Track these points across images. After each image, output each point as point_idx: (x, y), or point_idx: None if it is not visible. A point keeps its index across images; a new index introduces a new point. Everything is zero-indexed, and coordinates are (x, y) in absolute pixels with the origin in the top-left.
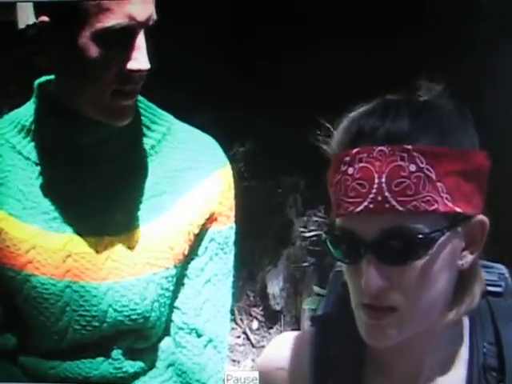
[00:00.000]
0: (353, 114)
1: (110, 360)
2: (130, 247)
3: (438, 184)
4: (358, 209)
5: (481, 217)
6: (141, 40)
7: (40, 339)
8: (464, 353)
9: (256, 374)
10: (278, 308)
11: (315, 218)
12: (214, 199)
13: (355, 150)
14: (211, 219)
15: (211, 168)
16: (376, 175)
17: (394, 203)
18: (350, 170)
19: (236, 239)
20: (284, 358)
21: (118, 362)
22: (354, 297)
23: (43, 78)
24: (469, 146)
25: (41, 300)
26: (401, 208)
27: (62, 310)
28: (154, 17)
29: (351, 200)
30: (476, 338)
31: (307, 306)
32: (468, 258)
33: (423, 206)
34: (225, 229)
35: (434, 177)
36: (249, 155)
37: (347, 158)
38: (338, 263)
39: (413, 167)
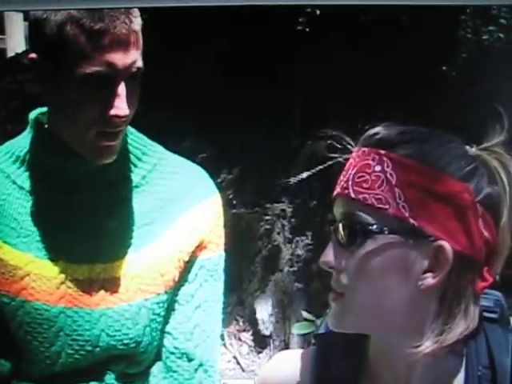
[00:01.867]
0: None
1: None
2: (122, 274)
3: (396, 190)
4: (334, 192)
5: (442, 243)
6: (121, 87)
7: (33, 364)
8: (460, 375)
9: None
10: (267, 333)
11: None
12: (204, 227)
13: (355, 150)
14: (201, 247)
15: (201, 197)
16: (351, 168)
17: (350, 190)
18: (346, 165)
19: (225, 265)
20: (285, 374)
21: None
22: None
23: (38, 110)
24: (449, 173)
25: (35, 325)
26: (353, 196)
27: (55, 335)
28: (138, 64)
29: (336, 186)
30: (471, 361)
31: (295, 330)
32: (428, 280)
33: (372, 200)
34: (214, 256)
35: (393, 182)
36: (236, 183)
37: (349, 156)
38: None
39: (378, 168)
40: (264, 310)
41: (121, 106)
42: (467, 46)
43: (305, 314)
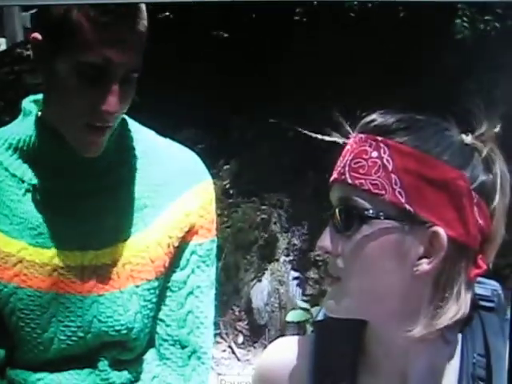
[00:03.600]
0: None
1: (97, 371)
2: (114, 261)
3: (393, 176)
4: (331, 178)
5: (437, 229)
6: (115, 83)
7: (26, 351)
8: (455, 362)
9: (249, 379)
10: (262, 322)
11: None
12: (194, 212)
13: (352, 136)
14: (191, 232)
15: (192, 182)
16: (348, 153)
17: (346, 176)
18: (343, 151)
19: (221, 254)
20: (283, 360)
21: (105, 373)
22: None
23: (31, 98)
24: (445, 160)
25: (27, 311)
26: (350, 181)
27: (47, 321)
28: (137, 65)
29: (333, 172)
30: (467, 348)
31: (290, 319)
32: (423, 266)
33: (368, 185)
34: (206, 242)
35: (390, 168)
36: (234, 172)
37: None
38: None
39: (374, 154)
40: (260, 300)
41: (112, 103)
42: (463, 34)
43: (300, 303)
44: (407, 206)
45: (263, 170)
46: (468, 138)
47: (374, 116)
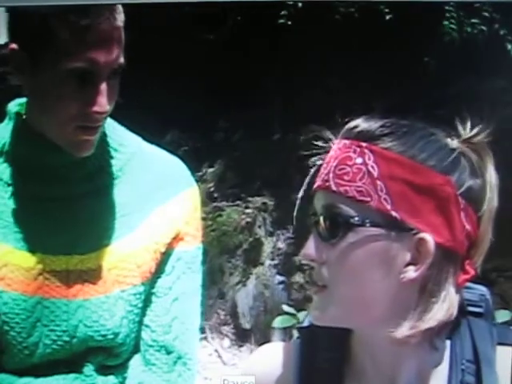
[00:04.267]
0: None
1: (83, 376)
2: (99, 265)
3: (378, 182)
4: (315, 186)
5: (424, 235)
6: (103, 84)
7: (12, 356)
8: (443, 368)
9: (252, 379)
10: (248, 326)
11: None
12: (180, 219)
13: (336, 142)
14: (177, 238)
15: (178, 188)
16: (332, 160)
17: (331, 183)
18: (326, 157)
19: (205, 258)
20: (269, 366)
21: (91, 379)
22: None
23: (17, 101)
24: (431, 165)
25: (12, 315)
26: (334, 188)
27: (32, 325)
28: (120, 61)
29: (316, 179)
30: (455, 354)
31: (277, 324)
32: (410, 273)
33: (353, 193)
34: (192, 249)
35: (375, 174)
36: (218, 176)
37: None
38: None
39: (359, 160)
40: (245, 304)
41: (102, 103)
42: (450, 38)
43: (286, 308)
44: (393, 213)
45: (248, 173)
46: (454, 143)
47: (357, 121)
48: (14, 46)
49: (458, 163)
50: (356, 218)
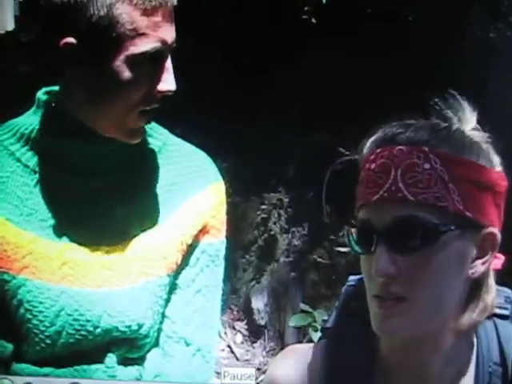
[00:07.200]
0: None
1: (104, 367)
2: (126, 256)
3: (450, 185)
4: (375, 197)
5: (492, 229)
6: (169, 62)
7: (33, 344)
8: (471, 371)
9: (252, 371)
10: (262, 323)
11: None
12: (207, 212)
13: (379, 150)
14: (203, 231)
15: (205, 182)
16: (393, 168)
17: (405, 193)
18: (372, 166)
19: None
20: (294, 369)
21: (112, 370)
22: (368, 289)
23: (46, 89)
24: (486, 163)
25: (36, 304)
26: (412, 198)
27: (56, 315)
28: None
29: (369, 190)
30: (483, 357)
31: (293, 323)
32: (479, 268)
33: (433, 199)
34: (216, 242)
35: (446, 178)
36: (232, 171)
37: (372, 157)
38: (350, 278)
39: (427, 165)
40: (259, 300)
41: (170, 80)
42: (474, 43)
43: (302, 306)
44: (467, 213)
45: (263, 169)
46: (476, 134)
47: (398, 128)
48: (70, 39)
49: (493, 155)
50: (439, 225)
